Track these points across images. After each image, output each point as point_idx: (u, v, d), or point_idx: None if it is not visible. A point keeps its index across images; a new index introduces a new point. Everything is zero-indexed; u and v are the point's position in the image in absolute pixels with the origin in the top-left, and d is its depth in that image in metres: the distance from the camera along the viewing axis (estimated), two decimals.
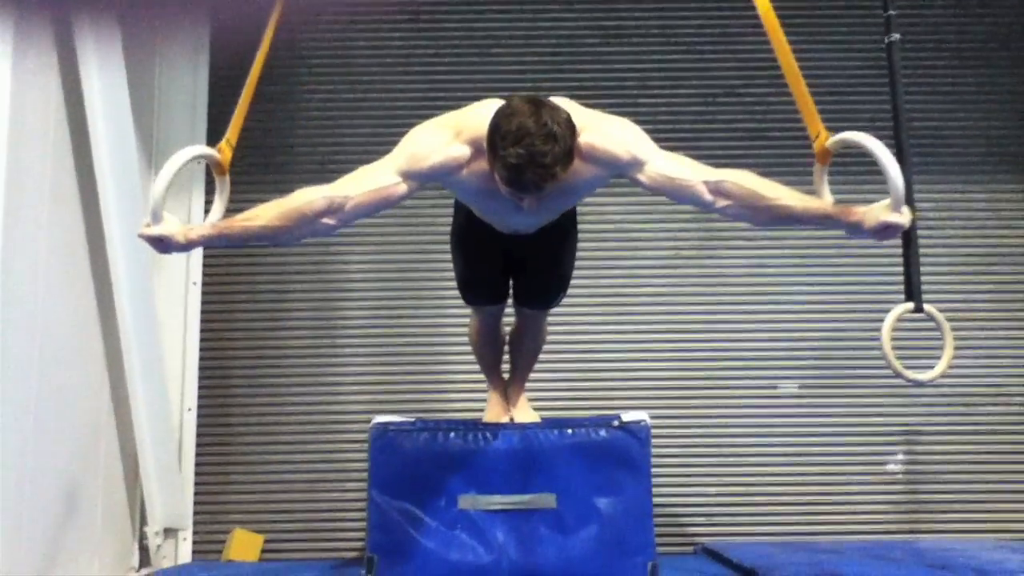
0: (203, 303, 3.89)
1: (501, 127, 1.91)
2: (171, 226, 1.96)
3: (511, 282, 2.66)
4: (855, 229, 1.99)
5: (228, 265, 3.98)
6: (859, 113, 4.04)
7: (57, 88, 3.00)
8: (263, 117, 4.02)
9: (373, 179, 2.03)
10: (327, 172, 4.05)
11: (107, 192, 3.17)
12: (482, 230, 2.38)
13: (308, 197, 1.99)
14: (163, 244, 1.96)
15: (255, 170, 4.07)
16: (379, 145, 4.06)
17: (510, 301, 2.76)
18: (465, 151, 2.04)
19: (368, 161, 4.32)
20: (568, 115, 1.96)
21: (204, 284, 3.88)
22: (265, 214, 1.98)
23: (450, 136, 2.05)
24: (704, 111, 4.17)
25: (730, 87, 4.19)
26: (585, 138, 2.02)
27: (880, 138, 2.08)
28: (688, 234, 4.08)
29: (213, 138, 3.91)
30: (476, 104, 2.18)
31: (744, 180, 2.04)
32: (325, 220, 2.00)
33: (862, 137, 2.07)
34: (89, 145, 3.12)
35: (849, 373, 3.93)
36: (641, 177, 2.06)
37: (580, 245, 4.07)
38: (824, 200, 2.09)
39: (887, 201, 1.97)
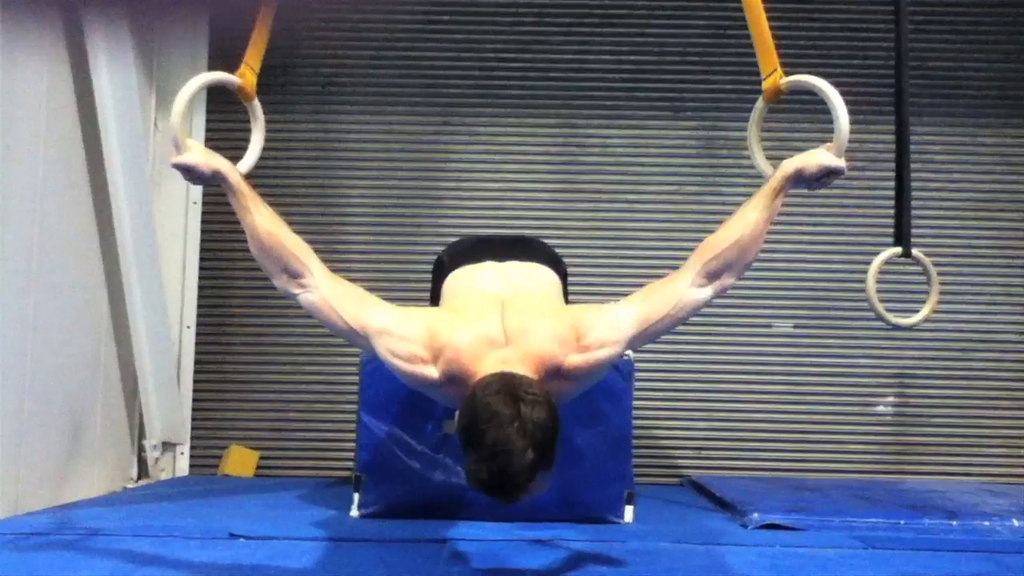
0: (203, 222, 3.90)
1: (476, 431, 1.67)
2: (195, 155, 1.94)
3: None
4: (797, 180, 1.94)
5: None
6: (870, 53, 3.96)
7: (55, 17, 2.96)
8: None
9: (346, 305, 1.91)
10: (328, 95, 4.09)
11: (105, 108, 3.15)
12: None
13: (299, 252, 1.93)
14: (191, 174, 1.95)
15: (257, 90, 4.03)
16: (379, 68, 4.08)
17: None
18: (433, 374, 1.84)
19: (367, 90, 4.27)
20: (550, 406, 1.72)
21: (204, 204, 3.88)
22: (264, 221, 1.93)
23: (425, 349, 1.85)
24: (714, 43, 4.09)
25: (741, 19, 4.08)
26: (570, 361, 1.83)
27: (884, 78, 2.05)
28: (691, 170, 4.05)
29: (216, 50, 3.90)
30: (463, 301, 2.10)
31: (715, 249, 1.90)
32: (286, 280, 1.93)
33: (816, 80, 2.04)
34: (87, 61, 3.10)
35: (843, 315, 3.93)
36: (640, 342, 1.93)
37: (580, 179, 4.08)
38: (768, 176, 2.01)
39: (826, 146, 1.95)
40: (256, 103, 2.19)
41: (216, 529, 2.37)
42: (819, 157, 1.93)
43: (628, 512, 2.73)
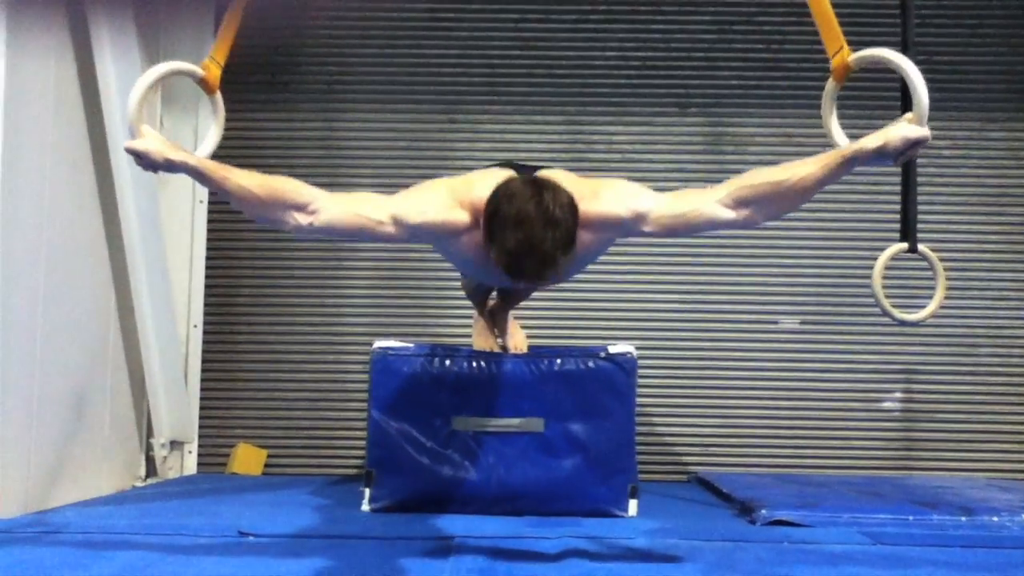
0: (209, 221, 3.91)
1: (500, 210, 1.82)
2: (149, 142, 1.95)
3: None
4: (880, 155, 1.88)
5: None
6: (876, 46, 3.93)
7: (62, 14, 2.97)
8: (270, 34, 3.97)
9: (363, 207, 1.96)
10: (334, 92, 4.09)
11: (111, 105, 3.16)
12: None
13: (294, 186, 1.95)
14: (143, 160, 1.96)
15: (261, 88, 4.05)
16: (384, 66, 4.07)
17: None
18: (465, 218, 1.96)
19: (373, 88, 4.28)
20: (570, 197, 1.87)
21: (211, 202, 3.89)
22: (247, 179, 1.94)
23: (452, 201, 1.98)
24: (719, 39, 4.08)
25: (747, 15, 4.09)
26: (583, 207, 1.92)
27: (890, 72, 2.04)
28: (697, 166, 4.04)
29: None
30: (481, 172, 2.13)
31: (754, 178, 1.93)
32: (296, 215, 1.93)
33: (888, 53, 2.01)
34: (92, 59, 3.10)
35: (849, 311, 3.92)
36: (650, 228, 1.98)
37: (583, 171, 4.06)
38: (839, 146, 2.00)
39: (907, 117, 1.90)
40: (218, 96, 2.23)
41: (225, 527, 2.37)
42: (903, 131, 1.86)
43: (632, 506, 2.75)
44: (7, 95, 2.59)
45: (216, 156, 3.82)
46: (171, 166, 1.95)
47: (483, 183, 1.95)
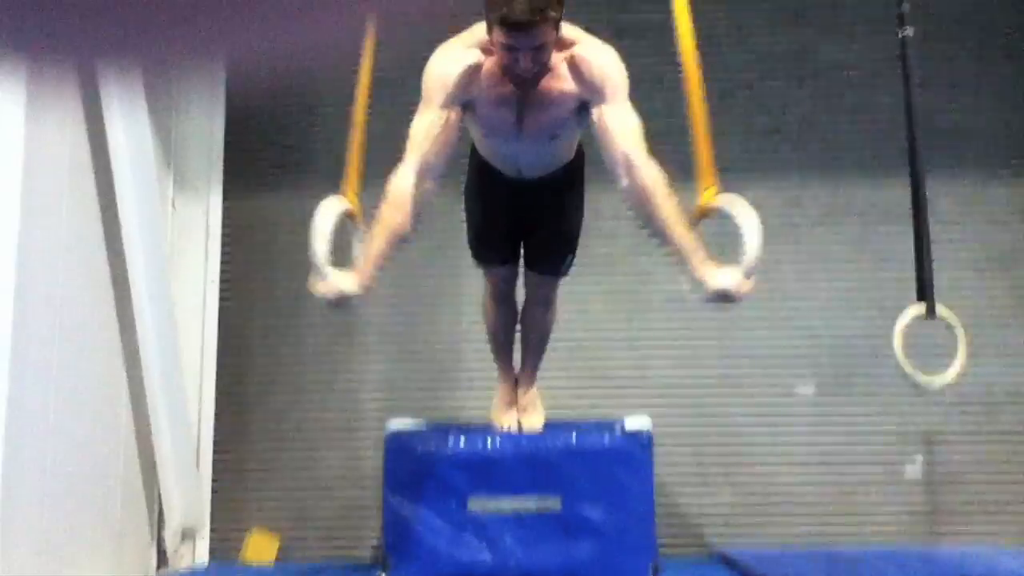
0: (221, 301, 3.91)
1: None
2: (346, 282, 2.10)
3: (521, 247, 2.75)
4: (697, 286, 2.10)
5: (246, 263, 4.00)
6: (878, 108, 3.98)
7: (76, 98, 3.03)
8: (280, 115, 4.04)
9: (427, 126, 2.17)
10: (343, 170, 4.12)
11: (124, 189, 3.19)
12: (492, 179, 2.55)
13: (403, 182, 2.15)
14: (341, 301, 2.12)
15: (274, 169, 4.09)
16: (393, 141, 4.11)
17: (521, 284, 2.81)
18: (476, 54, 2.18)
19: (381, 159, 4.32)
20: None
21: (222, 282, 3.90)
22: (392, 221, 2.13)
23: (458, 49, 2.19)
24: (720, 105, 4.11)
25: (746, 81, 4.14)
26: (579, 49, 2.16)
27: (892, 135, 2.06)
28: (703, 232, 4.03)
29: (233, 134, 3.97)
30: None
31: (651, 180, 2.12)
32: (427, 186, 2.18)
33: (734, 201, 2.16)
34: (107, 147, 3.15)
35: (865, 375, 3.87)
36: (595, 111, 2.17)
37: (594, 243, 4.07)
38: (694, 243, 2.15)
39: (735, 268, 2.05)
40: (363, 226, 2.37)
41: None
42: (721, 280, 2.07)
43: None
44: (26, 168, 2.62)
45: (227, 236, 3.94)
46: (366, 291, 2.13)
47: (478, 25, 2.17)
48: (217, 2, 0.28)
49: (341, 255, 2.25)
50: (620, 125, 2.16)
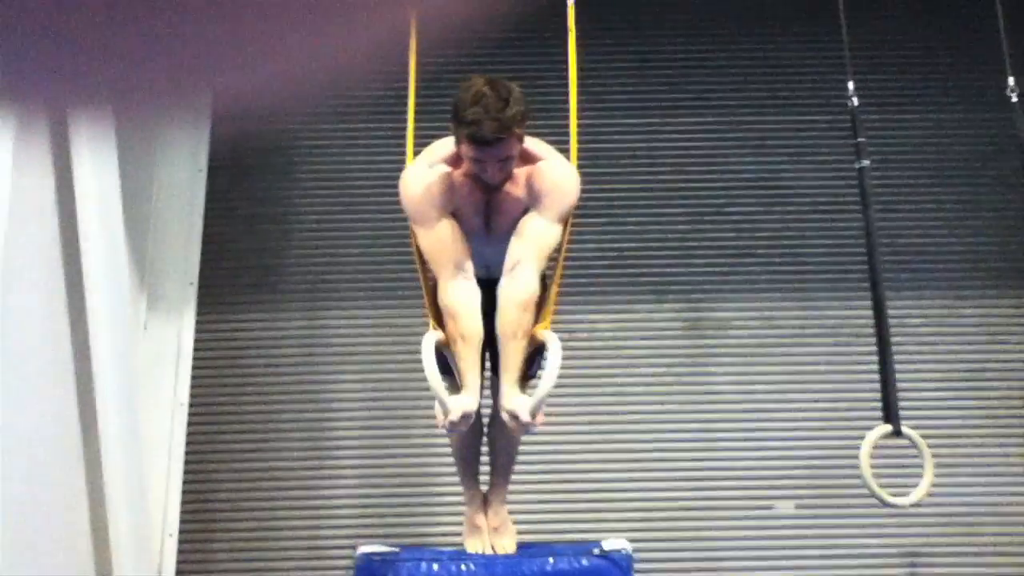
0: (189, 423, 3.84)
1: (460, 97, 2.21)
2: (465, 403, 2.20)
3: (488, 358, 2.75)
4: (501, 408, 2.24)
5: (216, 386, 3.95)
6: (844, 232, 4.10)
7: (52, 187, 3.05)
8: (257, 237, 4.08)
9: (437, 238, 2.32)
10: (317, 291, 4.15)
11: (96, 310, 3.17)
12: None
13: (455, 292, 2.28)
14: (468, 421, 2.23)
15: (248, 290, 4.10)
16: (369, 266, 4.17)
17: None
18: (444, 167, 2.33)
19: (359, 286, 4.34)
20: (520, 90, 2.26)
21: (191, 405, 3.84)
22: (470, 331, 2.25)
23: (426, 168, 2.35)
24: (691, 229, 4.23)
25: (716, 206, 4.27)
26: (542, 164, 2.32)
27: (858, 255, 2.11)
28: (678, 351, 4.07)
29: (208, 255, 4.00)
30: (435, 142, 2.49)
31: (520, 290, 2.26)
32: (473, 284, 2.32)
33: (550, 340, 2.27)
34: (79, 253, 3.14)
35: (844, 493, 3.83)
36: (526, 218, 2.31)
37: (569, 361, 4.08)
38: (517, 360, 2.25)
39: (529, 399, 2.20)
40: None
41: None
42: (517, 405, 2.19)
43: None
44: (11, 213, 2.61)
45: (201, 359, 3.90)
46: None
47: (440, 141, 2.37)
48: (201, 31, 0.28)
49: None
50: (533, 232, 2.30)
